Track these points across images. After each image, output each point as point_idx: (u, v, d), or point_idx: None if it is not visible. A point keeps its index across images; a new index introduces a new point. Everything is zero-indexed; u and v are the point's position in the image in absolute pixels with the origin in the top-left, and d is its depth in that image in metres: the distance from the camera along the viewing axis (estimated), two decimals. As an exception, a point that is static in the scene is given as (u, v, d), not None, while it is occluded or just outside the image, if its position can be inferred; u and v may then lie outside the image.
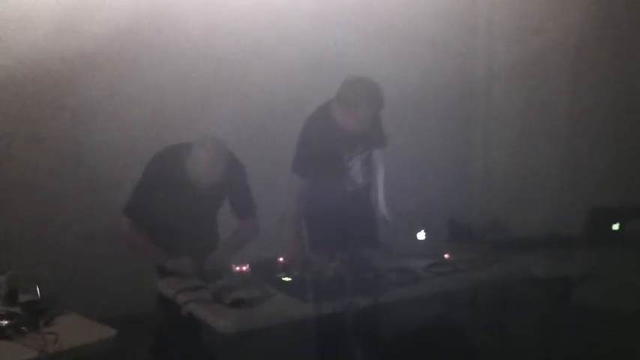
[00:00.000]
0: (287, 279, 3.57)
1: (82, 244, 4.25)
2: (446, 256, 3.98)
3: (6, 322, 3.04)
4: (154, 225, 3.78)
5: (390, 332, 3.48)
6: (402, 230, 4.11)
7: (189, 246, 3.81)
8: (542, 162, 4.91)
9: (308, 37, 4.98)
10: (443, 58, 5.46)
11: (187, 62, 4.67)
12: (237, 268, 3.72)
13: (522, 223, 4.34)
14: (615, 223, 4.16)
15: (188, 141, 3.76)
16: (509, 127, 5.12)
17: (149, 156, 3.80)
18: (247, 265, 3.73)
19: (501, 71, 5.37)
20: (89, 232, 4.30)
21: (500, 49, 5.40)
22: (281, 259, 3.79)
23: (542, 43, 5.10)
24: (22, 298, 3.32)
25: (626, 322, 4.10)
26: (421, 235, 4.08)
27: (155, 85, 4.56)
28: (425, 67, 5.30)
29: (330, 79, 4.03)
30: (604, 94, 5.01)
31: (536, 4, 5.25)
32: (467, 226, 4.21)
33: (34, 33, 4.15)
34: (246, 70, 4.81)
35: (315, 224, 4.22)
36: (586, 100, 5.00)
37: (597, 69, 5.02)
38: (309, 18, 4.99)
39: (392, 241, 4.08)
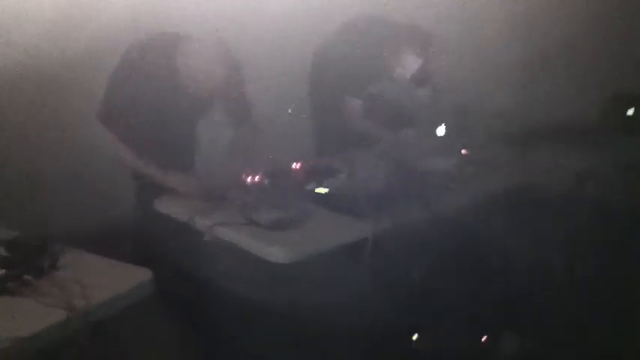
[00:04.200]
0: (322, 191, 2.97)
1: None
2: (463, 152, 3.55)
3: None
4: (131, 134, 3.04)
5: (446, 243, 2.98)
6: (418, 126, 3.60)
7: (177, 159, 3.15)
8: (555, 45, 4.47)
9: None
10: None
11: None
12: (249, 180, 3.07)
13: (533, 113, 3.94)
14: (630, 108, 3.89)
15: (182, 32, 3.04)
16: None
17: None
18: (260, 175, 3.09)
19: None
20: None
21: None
22: (297, 164, 3.16)
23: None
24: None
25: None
26: (441, 131, 3.59)
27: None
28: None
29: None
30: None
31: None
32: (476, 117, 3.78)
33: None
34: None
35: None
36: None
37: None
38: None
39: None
